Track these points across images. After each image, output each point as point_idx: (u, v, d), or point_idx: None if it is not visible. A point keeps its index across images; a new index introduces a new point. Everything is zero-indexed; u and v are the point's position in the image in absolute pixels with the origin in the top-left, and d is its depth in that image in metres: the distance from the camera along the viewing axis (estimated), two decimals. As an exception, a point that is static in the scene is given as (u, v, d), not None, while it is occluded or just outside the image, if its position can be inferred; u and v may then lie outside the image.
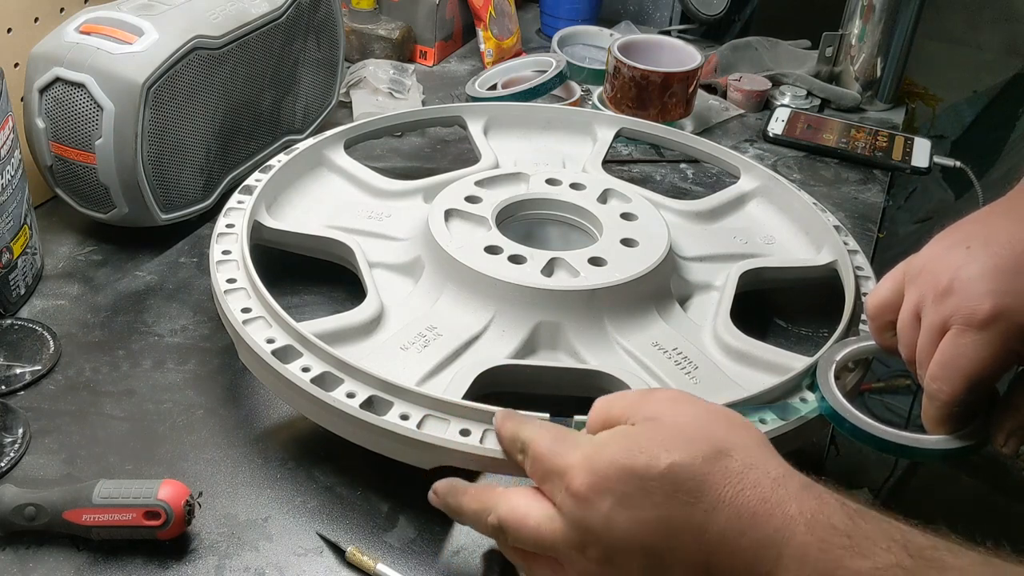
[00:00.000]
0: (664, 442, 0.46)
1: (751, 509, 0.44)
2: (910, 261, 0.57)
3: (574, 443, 0.49)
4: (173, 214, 0.82)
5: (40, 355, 0.69)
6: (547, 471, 0.49)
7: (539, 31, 1.37)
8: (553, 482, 0.48)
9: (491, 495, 0.51)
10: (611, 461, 0.46)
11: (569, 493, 0.47)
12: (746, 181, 0.87)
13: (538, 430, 0.51)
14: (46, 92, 0.75)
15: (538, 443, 0.50)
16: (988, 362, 0.51)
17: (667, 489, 0.45)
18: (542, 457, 0.49)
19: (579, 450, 0.48)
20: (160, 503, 0.54)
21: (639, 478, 0.45)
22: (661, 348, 0.66)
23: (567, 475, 0.47)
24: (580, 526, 0.46)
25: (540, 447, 0.49)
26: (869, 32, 1.17)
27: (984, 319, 0.51)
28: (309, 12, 0.92)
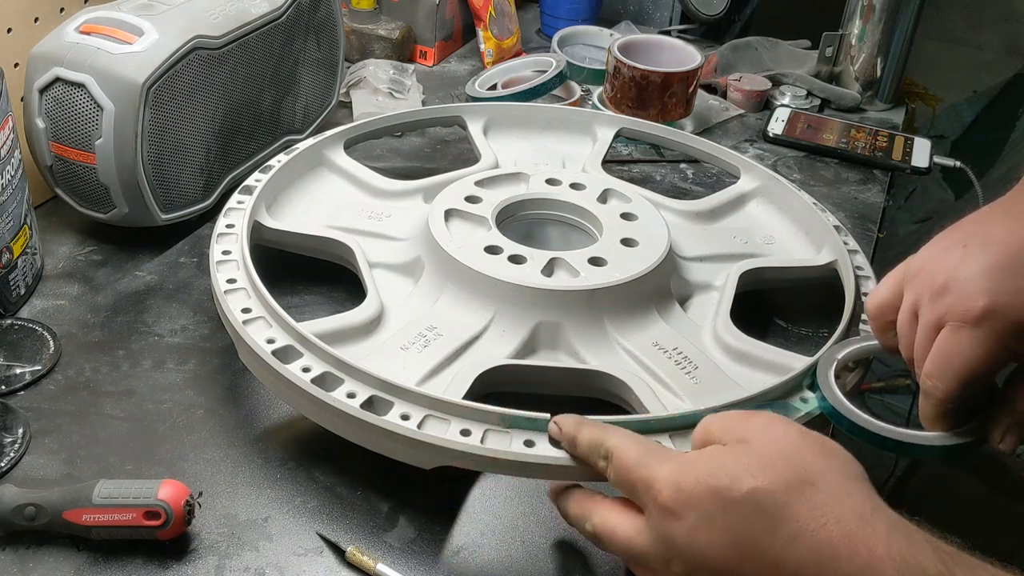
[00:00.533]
0: (750, 466, 0.46)
1: (833, 544, 0.43)
2: (909, 262, 0.57)
3: (663, 457, 0.49)
4: (173, 214, 0.82)
5: (40, 355, 0.69)
6: (634, 482, 0.49)
7: (539, 31, 1.37)
8: (639, 493, 0.49)
9: (589, 504, 0.52)
10: (696, 479, 0.46)
11: (655, 506, 0.47)
12: (746, 181, 0.87)
13: (624, 439, 0.51)
14: (46, 92, 0.75)
15: (625, 453, 0.50)
16: (983, 359, 0.51)
17: (747, 514, 0.45)
18: (629, 467, 0.49)
19: (667, 465, 0.48)
20: (160, 503, 0.54)
21: (721, 499, 0.45)
22: (661, 348, 0.66)
23: (654, 488, 0.47)
24: (665, 539, 0.47)
25: (628, 457, 0.50)
26: (869, 32, 1.17)
27: (979, 316, 0.51)
28: (309, 12, 0.92)
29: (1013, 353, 0.52)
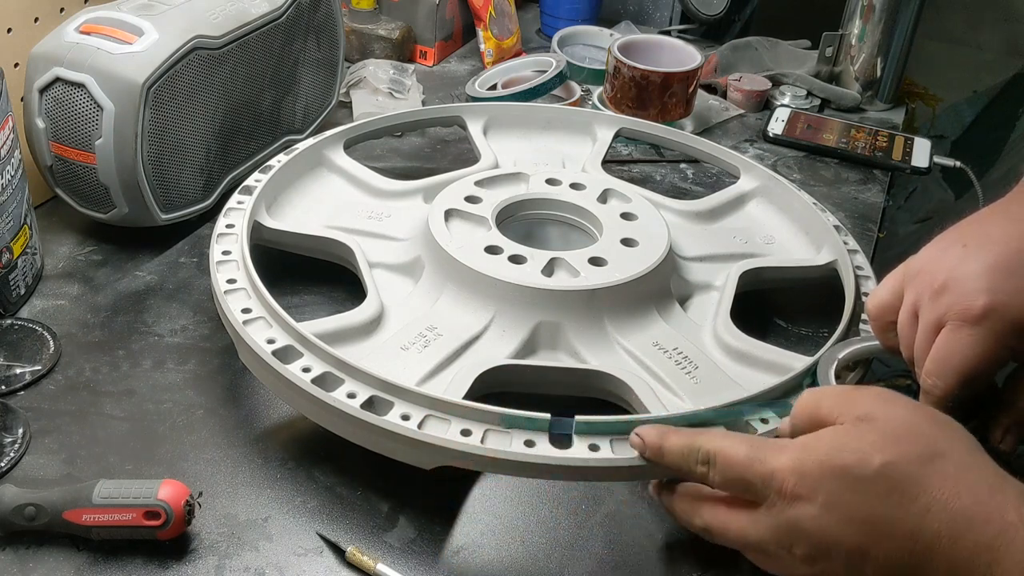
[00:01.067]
0: (876, 442, 0.46)
1: (967, 513, 0.44)
2: (909, 263, 0.57)
3: (776, 448, 0.49)
4: (173, 214, 0.82)
5: (40, 355, 0.69)
6: (749, 479, 0.49)
7: (539, 31, 1.37)
8: (757, 488, 0.48)
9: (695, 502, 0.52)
10: (820, 462, 0.46)
11: (780, 495, 0.47)
12: (746, 181, 0.87)
13: (725, 440, 0.51)
14: (46, 92, 0.75)
15: (732, 452, 0.50)
16: (982, 357, 0.52)
17: (880, 490, 0.45)
18: (739, 465, 0.49)
19: (784, 454, 0.48)
20: (160, 503, 0.54)
21: (852, 478, 0.45)
22: (661, 348, 0.66)
23: (775, 479, 0.47)
24: (789, 525, 0.47)
25: (736, 456, 0.49)
26: (869, 32, 1.17)
27: (978, 315, 0.51)
28: (309, 12, 0.92)
29: (1012, 352, 0.52)
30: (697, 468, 0.51)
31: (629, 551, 0.59)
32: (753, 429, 0.57)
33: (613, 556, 0.58)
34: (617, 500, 0.62)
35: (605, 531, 0.60)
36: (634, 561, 0.58)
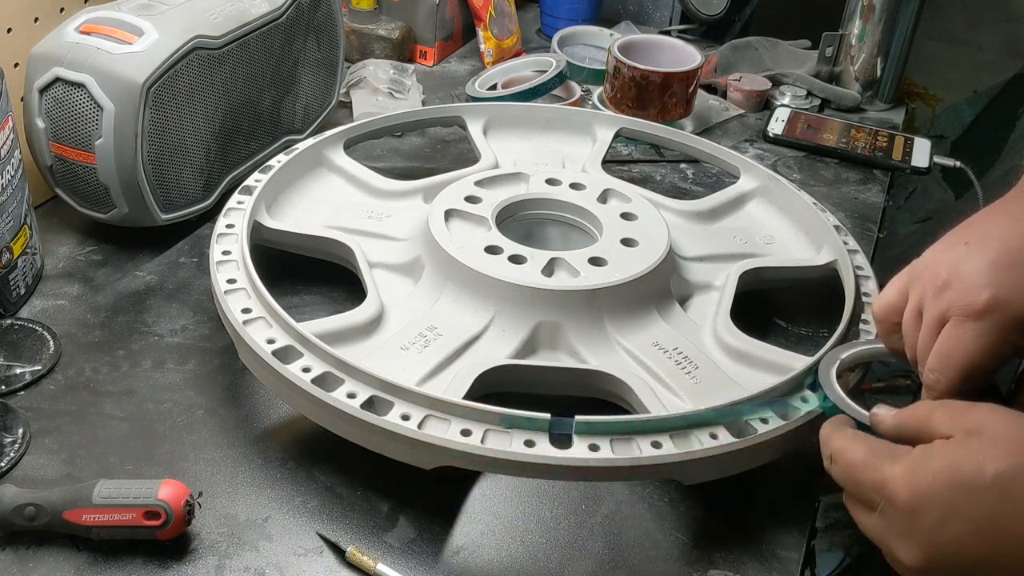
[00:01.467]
0: (988, 453, 0.46)
1: None
2: (914, 264, 0.58)
3: (891, 456, 0.49)
4: (173, 214, 0.82)
5: (40, 355, 0.69)
6: (862, 482, 0.49)
7: (539, 31, 1.37)
8: (869, 494, 0.49)
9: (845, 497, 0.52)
10: (933, 475, 0.46)
11: (891, 505, 0.47)
12: (746, 181, 0.87)
13: (847, 440, 0.51)
14: (46, 92, 0.75)
15: (851, 454, 0.50)
16: (984, 352, 0.52)
17: (994, 499, 0.45)
18: (855, 467, 0.50)
19: (898, 464, 0.48)
20: (160, 503, 0.54)
21: (965, 489, 0.45)
22: (661, 348, 0.66)
23: (886, 487, 0.47)
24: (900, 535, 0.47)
25: (854, 458, 0.50)
26: (869, 32, 1.17)
27: (981, 310, 0.51)
28: (309, 12, 0.92)
29: (1015, 348, 0.52)
30: (827, 463, 0.52)
31: (629, 551, 0.59)
32: (753, 429, 0.57)
33: (613, 556, 0.58)
34: (617, 500, 0.62)
35: (605, 531, 0.60)
36: (634, 561, 0.58)
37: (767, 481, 0.63)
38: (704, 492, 0.62)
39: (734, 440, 0.56)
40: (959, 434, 0.48)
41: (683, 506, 0.62)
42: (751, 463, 0.58)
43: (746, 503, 0.63)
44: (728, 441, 0.56)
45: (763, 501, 0.63)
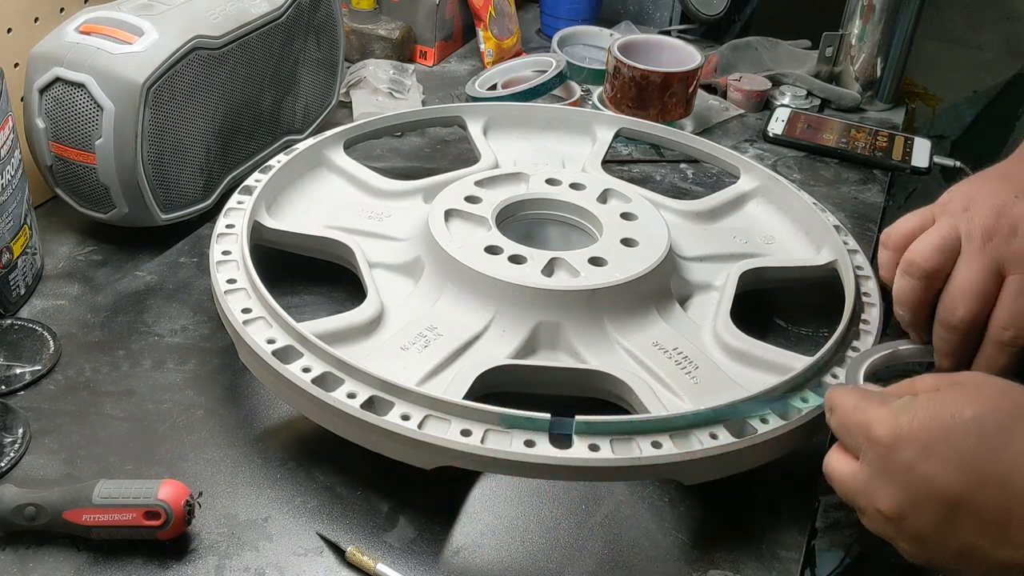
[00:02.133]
0: (969, 398, 0.47)
1: None
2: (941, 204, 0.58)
3: (879, 402, 0.50)
4: (173, 214, 0.82)
5: (40, 355, 0.69)
6: (850, 426, 0.51)
7: (539, 31, 1.37)
8: (855, 435, 0.50)
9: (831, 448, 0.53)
10: (914, 415, 0.48)
11: (872, 444, 0.48)
12: (746, 181, 0.87)
13: (847, 391, 0.53)
14: (46, 92, 0.75)
15: (844, 400, 0.52)
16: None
17: (970, 439, 0.46)
18: (845, 412, 0.51)
19: (883, 408, 0.49)
20: (160, 503, 0.54)
21: (943, 428, 0.46)
22: (661, 348, 0.66)
23: (869, 428, 0.49)
24: (879, 475, 0.48)
25: (846, 404, 0.52)
26: (869, 32, 1.17)
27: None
28: (309, 12, 0.92)
29: None
30: (828, 416, 0.53)
31: (629, 551, 0.59)
32: (753, 429, 0.57)
33: (613, 556, 0.58)
34: (617, 500, 0.62)
35: (605, 531, 0.60)
36: (634, 561, 0.58)
37: (767, 481, 0.63)
38: (704, 492, 0.62)
39: (734, 440, 0.56)
40: (944, 386, 0.50)
41: (683, 506, 0.62)
42: (751, 463, 0.58)
43: (746, 503, 0.63)
44: (728, 441, 0.56)
45: (763, 501, 0.63)
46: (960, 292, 0.56)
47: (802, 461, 0.65)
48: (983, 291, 0.55)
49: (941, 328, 0.57)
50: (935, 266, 0.57)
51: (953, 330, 0.56)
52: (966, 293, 0.55)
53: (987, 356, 0.56)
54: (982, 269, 0.55)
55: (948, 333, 0.57)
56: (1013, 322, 0.54)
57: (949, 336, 0.57)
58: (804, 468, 0.65)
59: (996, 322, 0.54)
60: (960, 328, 0.56)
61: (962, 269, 0.55)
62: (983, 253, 0.55)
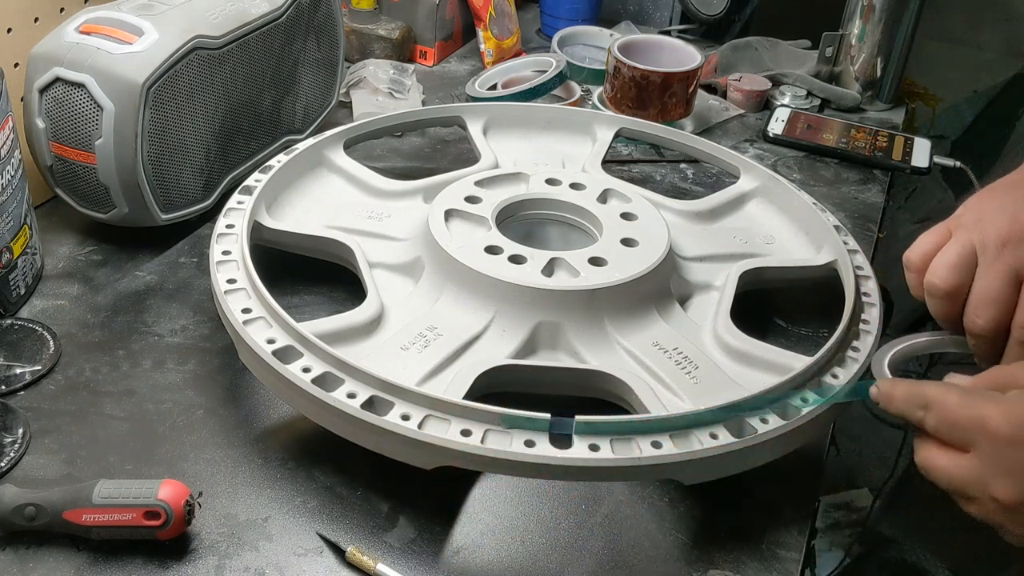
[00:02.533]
0: None
1: None
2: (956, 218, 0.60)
3: (987, 397, 0.51)
4: (173, 214, 0.82)
5: (40, 355, 0.69)
6: (958, 421, 0.51)
7: (539, 31, 1.37)
8: (967, 431, 0.51)
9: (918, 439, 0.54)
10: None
11: (990, 440, 0.49)
12: (746, 181, 0.87)
13: (943, 388, 0.53)
14: (46, 92, 0.75)
15: (947, 399, 0.52)
16: None
17: None
18: (953, 409, 0.51)
19: (994, 404, 0.50)
20: (160, 503, 0.54)
21: None
22: (661, 348, 0.66)
23: (985, 423, 0.49)
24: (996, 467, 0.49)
25: (950, 402, 0.52)
26: (869, 32, 1.17)
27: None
28: (309, 12, 0.92)
29: None
30: (916, 412, 0.53)
31: (629, 551, 0.59)
32: (753, 429, 0.57)
33: (613, 556, 0.58)
34: (617, 500, 0.62)
35: (605, 531, 0.60)
36: (634, 561, 0.58)
37: (767, 481, 0.63)
38: (704, 492, 0.62)
39: (734, 440, 0.56)
40: None
41: (683, 506, 0.62)
42: (751, 463, 0.58)
43: (746, 503, 0.63)
44: (728, 441, 0.56)
45: (763, 501, 0.63)
46: (980, 302, 0.58)
47: (802, 461, 0.65)
48: (1001, 298, 0.57)
49: (969, 336, 0.59)
50: (954, 284, 0.59)
51: (978, 338, 0.59)
52: (985, 302, 0.57)
53: (1013, 356, 0.58)
54: (998, 277, 0.57)
55: (974, 340, 0.59)
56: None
57: (977, 343, 0.59)
58: (804, 468, 0.65)
59: (1017, 323, 0.56)
60: (985, 336, 0.58)
61: (980, 280, 0.58)
62: (998, 261, 0.57)
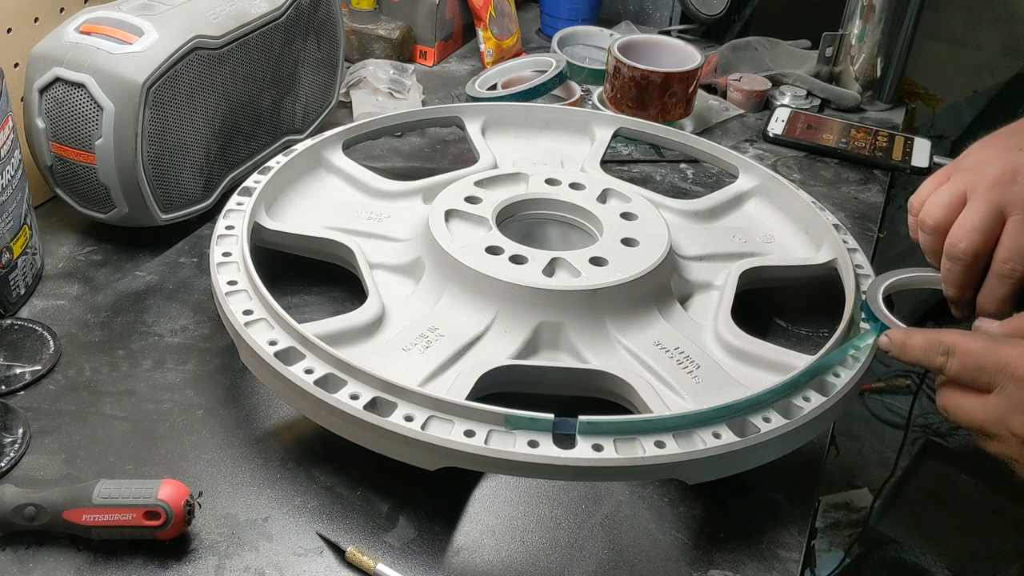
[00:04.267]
0: None
1: None
2: (958, 162, 0.63)
3: (1009, 343, 0.54)
4: (173, 214, 0.82)
5: (40, 355, 0.69)
6: (984, 365, 0.53)
7: (539, 31, 1.37)
8: (991, 373, 0.53)
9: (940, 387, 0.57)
10: None
11: (1014, 380, 0.52)
12: (745, 180, 0.87)
13: (964, 335, 0.55)
14: (46, 92, 0.75)
15: (970, 343, 0.54)
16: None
17: None
18: (977, 354, 0.54)
19: (1016, 348, 0.53)
20: (160, 503, 0.54)
21: None
22: (663, 347, 0.66)
23: (1010, 365, 0.52)
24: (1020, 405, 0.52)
25: (974, 347, 0.54)
26: (869, 32, 1.17)
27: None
28: (309, 12, 0.92)
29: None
30: (937, 359, 0.56)
31: (629, 551, 0.59)
32: (756, 428, 0.57)
33: (613, 556, 0.58)
34: (617, 500, 0.62)
35: (605, 531, 0.60)
36: (634, 561, 0.58)
37: (767, 481, 0.63)
38: (704, 492, 0.62)
39: (737, 439, 0.56)
40: None
41: (683, 506, 0.62)
42: (754, 462, 0.58)
43: (746, 503, 0.63)
44: (731, 440, 0.56)
45: (763, 501, 0.63)
46: (963, 228, 0.61)
47: (802, 461, 0.65)
48: (984, 228, 0.60)
49: (947, 259, 0.62)
50: (943, 220, 0.62)
51: (956, 260, 0.61)
52: (968, 229, 0.60)
53: (990, 287, 0.61)
54: (984, 210, 0.60)
55: (952, 263, 0.62)
56: (1012, 256, 0.59)
57: (952, 266, 0.62)
58: (804, 468, 0.65)
59: (997, 256, 0.60)
60: (963, 260, 0.61)
61: (967, 211, 0.61)
62: (986, 198, 0.60)
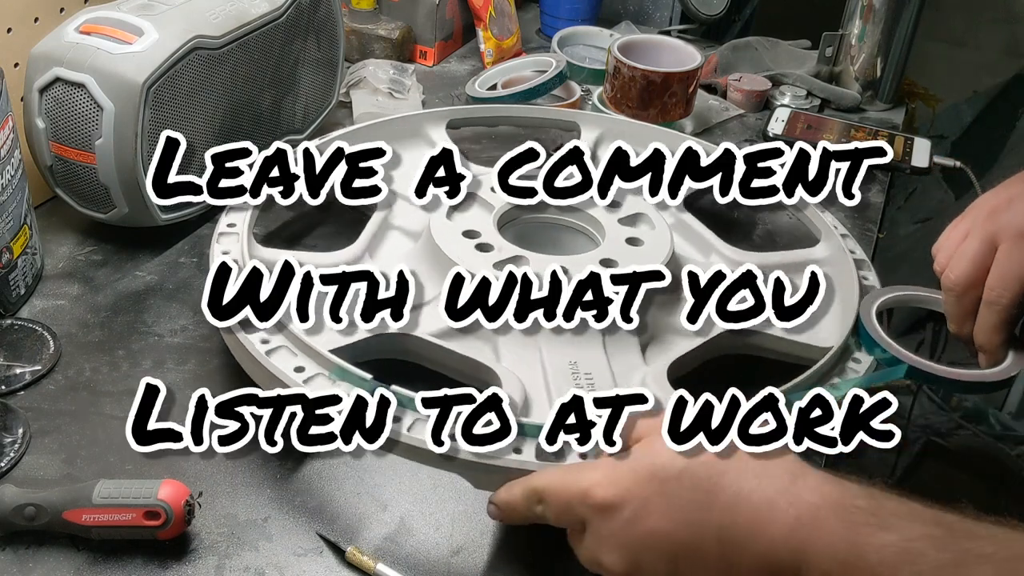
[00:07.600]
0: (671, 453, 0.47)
1: (770, 502, 0.45)
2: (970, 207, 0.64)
3: (590, 467, 0.50)
4: (173, 214, 0.82)
5: (40, 355, 0.69)
6: (567, 500, 0.49)
7: (539, 31, 1.37)
8: (577, 508, 0.48)
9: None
10: (630, 469, 0.47)
11: (595, 510, 0.47)
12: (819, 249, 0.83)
13: (548, 473, 0.51)
14: (46, 92, 0.75)
15: (554, 480, 0.50)
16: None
17: (684, 490, 0.46)
18: (559, 490, 0.49)
19: (597, 470, 0.49)
20: (160, 503, 0.54)
21: (659, 481, 0.46)
22: (574, 370, 0.63)
23: (589, 493, 0.48)
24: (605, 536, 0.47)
25: (555, 482, 0.50)
26: (869, 32, 1.17)
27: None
28: (309, 12, 0.92)
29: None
30: (537, 509, 0.51)
31: (629, 551, 0.59)
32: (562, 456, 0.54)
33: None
34: (617, 500, 0.62)
35: (605, 531, 0.60)
36: (634, 561, 0.58)
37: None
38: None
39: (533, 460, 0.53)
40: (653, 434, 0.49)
41: (683, 506, 0.62)
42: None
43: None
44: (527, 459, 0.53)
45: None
46: (956, 259, 0.61)
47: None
48: (975, 257, 0.60)
49: (943, 291, 0.63)
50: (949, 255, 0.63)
51: (949, 291, 0.62)
52: (959, 258, 0.61)
53: (981, 317, 0.61)
54: (978, 240, 0.60)
55: (946, 295, 0.62)
56: (998, 283, 0.59)
57: (947, 297, 0.62)
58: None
59: (986, 284, 0.60)
60: (954, 289, 0.61)
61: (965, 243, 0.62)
62: (982, 228, 0.61)
